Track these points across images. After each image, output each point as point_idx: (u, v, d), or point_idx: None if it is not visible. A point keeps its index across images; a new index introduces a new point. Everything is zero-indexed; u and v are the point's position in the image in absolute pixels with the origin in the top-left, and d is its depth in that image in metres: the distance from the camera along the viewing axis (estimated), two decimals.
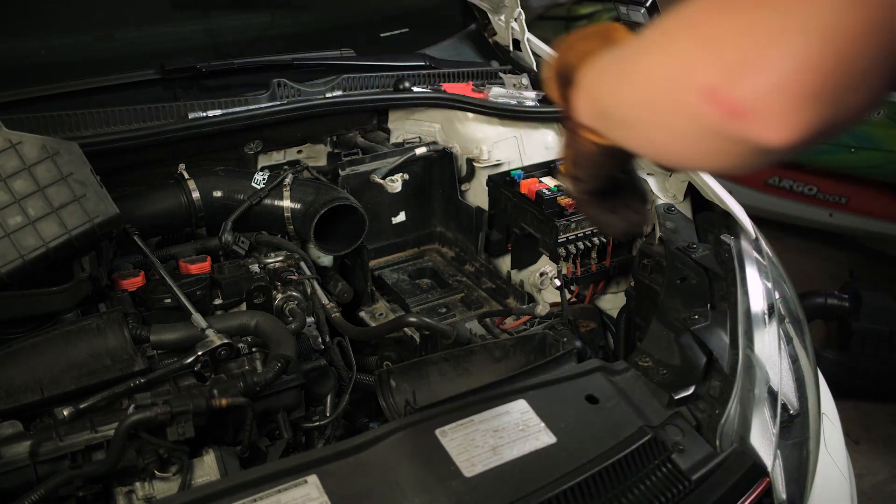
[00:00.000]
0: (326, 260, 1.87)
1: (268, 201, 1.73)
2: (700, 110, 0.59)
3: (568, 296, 1.77)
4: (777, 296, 1.49)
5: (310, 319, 1.58)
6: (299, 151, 2.00)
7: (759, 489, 1.10)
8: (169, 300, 1.45)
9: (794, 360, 1.43)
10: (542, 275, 1.87)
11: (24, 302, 1.28)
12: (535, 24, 5.06)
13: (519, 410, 1.14)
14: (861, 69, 0.53)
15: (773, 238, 1.70)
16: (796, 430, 1.32)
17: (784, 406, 1.29)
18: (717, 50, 0.57)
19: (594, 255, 1.76)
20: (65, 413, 1.15)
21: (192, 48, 2.08)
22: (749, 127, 0.56)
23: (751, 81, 0.54)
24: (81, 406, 1.17)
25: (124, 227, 1.50)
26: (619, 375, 1.24)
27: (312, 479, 1.00)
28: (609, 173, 0.92)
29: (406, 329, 1.68)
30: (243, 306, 1.55)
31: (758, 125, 0.56)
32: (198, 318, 1.34)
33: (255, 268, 1.62)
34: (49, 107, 1.66)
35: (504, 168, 2.01)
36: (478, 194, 2.05)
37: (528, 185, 1.80)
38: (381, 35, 2.33)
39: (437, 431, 1.09)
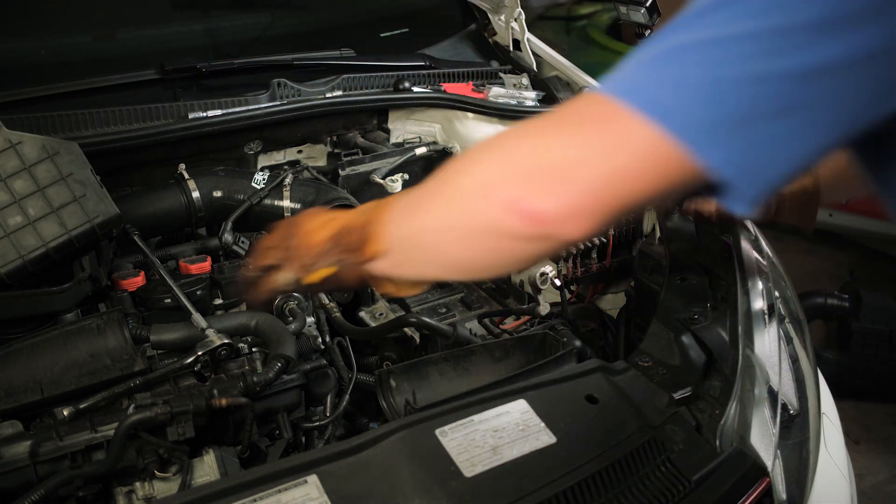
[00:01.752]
0: None
1: (268, 201, 1.73)
2: (503, 219, 0.72)
3: (568, 296, 1.77)
4: (777, 296, 1.49)
5: (310, 319, 1.58)
6: (299, 151, 2.00)
7: (759, 489, 1.10)
8: (169, 300, 1.45)
9: (794, 360, 1.43)
10: (542, 275, 1.87)
11: (24, 302, 1.28)
12: (535, 24, 5.06)
13: (519, 410, 1.14)
14: (627, 197, 0.69)
15: (773, 238, 1.70)
16: (796, 430, 1.32)
17: (784, 406, 1.29)
18: (521, 171, 0.71)
19: (594, 255, 1.76)
20: (65, 413, 1.15)
21: (192, 48, 2.08)
22: (546, 229, 0.71)
23: (550, 197, 0.69)
24: (81, 406, 1.17)
25: (124, 226, 1.49)
26: (619, 375, 1.24)
27: (312, 479, 1.00)
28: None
29: (406, 329, 1.68)
30: (243, 306, 1.55)
31: (553, 227, 0.71)
32: (198, 318, 1.34)
33: None
34: (49, 107, 1.66)
35: None
36: None
37: None
38: (381, 35, 2.33)
39: (437, 431, 1.09)
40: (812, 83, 0.60)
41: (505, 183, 0.72)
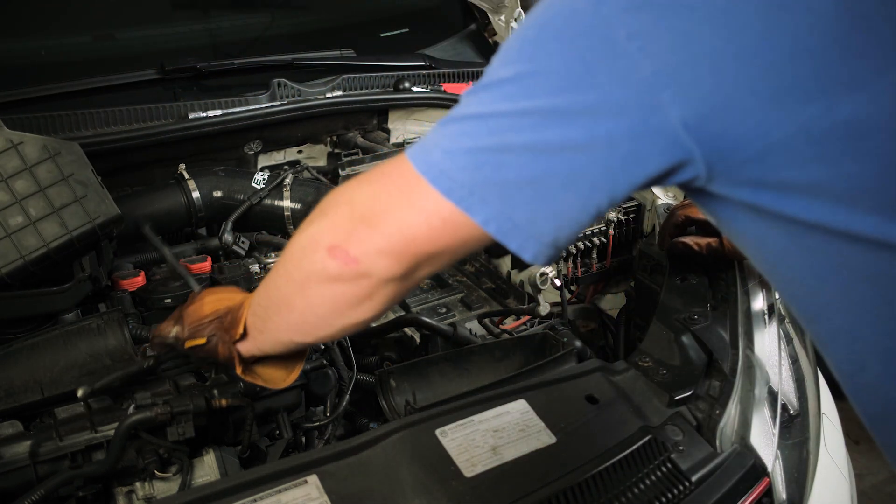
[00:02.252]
0: None
1: (268, 201, 1.73)
2: (327, 263, 0.83)
3: (568, 296, 1.77)
4: (777, 296, 1.49)
5: None
6: (299, 151, 2.00)
7: (759, 489, 1.10)
8: (169, 300, 1.45)
9: (794, 360, 1.43)
10: (542, 275, 1.87)
11: (24, 302, 1.28)
12: None
13: (519, 410, 1.14)
14: (425, 247, 0.79)
15: None
16: (796, 430, 1.32)
17: (784, 406, 1.29)
18: (340, 220, 0.82)
19: (594, 255, 1.76)
20: (79, 392, 1.15)
21: (192, 48, 2.08)
22: (361, 268, 0.81)
23: (359, 242, 0.80)
24: (97, 386, 1.17)
25: (135, 220, 1.52)
26: (619, 375, 1.24)
27: (312, 479, 1.00)
28: None
29: (406, 329, 1.68)
30: None
31: (366, 266, 0.81)
32: (194, 285, 1.38)
33: (255, 268, 1.62)
34: (49, 107, 1.66)
35: None
36: None
37: None
38: (381, 35, 2.33)
39: (437, 431, 1.09)
40: (550, 156, 0.70)
41: (327, 233, 0.84)
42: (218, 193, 1.70)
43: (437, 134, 0.77)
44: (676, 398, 1.19)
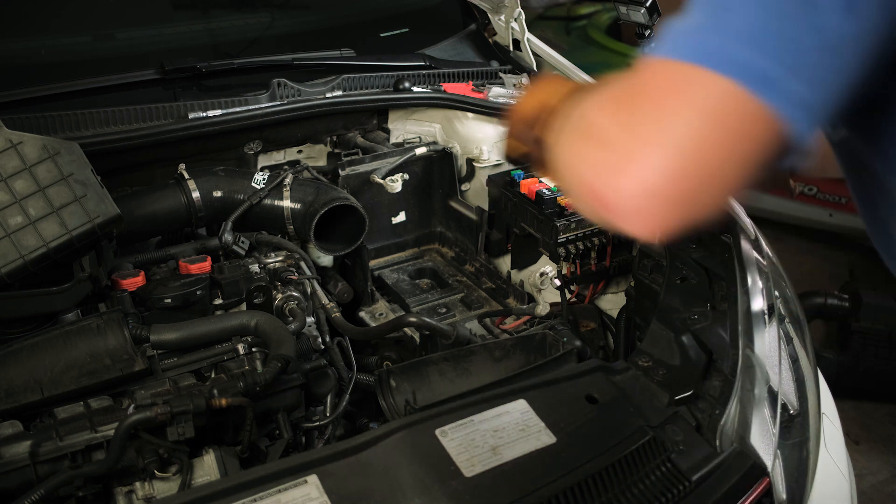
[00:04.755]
0: (326, 260, 1.87)
1: (268, 201, 1.73)
2: (587, 198, 0.69)
3: (568, 296, 1.77)
4: (777, 296, 1.49)
5: (310, 319, 1.58)
6: (299, 151, 2.00)
7: (759, 489, 1.10)
8: (169, 300, 1.45)
9: (794, 360, 1.42)
10: (542, 275, 1.87)
11: (24, 302, 1.28)
12: (535, 24, 5.06)
13: (519, 410, 1.14)
14: (711, 182, 0.64)
15: (773, 238, 1.70)
16: (796, 430, 1.32)
17: (784, 406, 1.29)
18: (595, 151, 0.68)
19: (594, 255, 1.76)
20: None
21: (192, 48, 2.08)
22: (616, 219, 0.67)
23: (617, 184, 0.65)
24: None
25: None
26: (619, 375, 1.24)
27: (312, 479, 1.00)
28: None
29: (406, 329, 1.68)
30: (243, 306, 1.55)
31: (622, 219, 0.67)
32: None
33: (255, 268, 1.62)
34: (49, 107, 1.66)
35: (504, 168, 2.01)
36: (478, 194, 2.05)
37: (528, 185, 1.80)
38: (381, 35, 2.33)
39: (437, 431, 1.09)
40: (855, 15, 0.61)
41: (585, 164, 0.70)
42: (218, 193, 1.70)
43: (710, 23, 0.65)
44: (676, 398, 1.19)
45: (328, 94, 1.89)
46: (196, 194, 1.67)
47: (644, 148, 0.64)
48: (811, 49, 0.62)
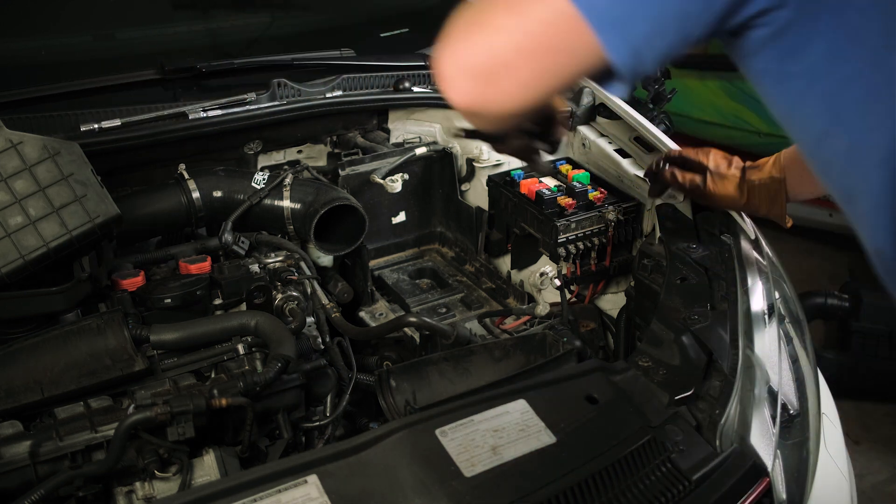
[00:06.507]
0: (326, 260, 1.87)
1: (268, 201, 1.73)
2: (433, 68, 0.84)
3: (568, 296, 1.77)
4: (777, 296, 1.49)
5: (310, 319, 1.58)
6: (299, 151, 2.00)
7: (759, 489, 1.10)
8: (169, 300, 1.45)
9: (794, 360, 1.43)
10: (542, 275, 1.87)
11: (24, 302, 1.28)
12: None
13: (519, 410, 1.14)
14: (518, 73, 0.78)
15: (773, 238, 1.70)
16: (796, 430, 1.32)
17: (784, 406, 1.29)
18: (449, 31, 0.83)
19: (594, 255, 1.76)
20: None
21: (192, 48, 2.08)
22: (438, 85, 0.83)
23: (442, 54, 0.81)
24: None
25: None
26: (619, 375, 1.24)
27: (312, 479, 1.00)
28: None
29: (406, 329, 1.68)
30: (243, 306, 1.55)
31: (440, 84, 0.84)
32: None
33: (255, 268, 1.62)
34: (49, 107, 1.66)
35: (504, 168, 2.01)
36: (478, 194, 2.05)
37: (528, 185, 1.80)
38: (381, 35, 2.33)
39: (437, 431, 1.09)
40: None
41: (442, 40, 0.84)
42: (218, 193, 1.70)
43: None
44: (676, 398, 1.19)
45: (328, 94, 1.89)
46: (196, 194, 1.67)
47: (474, 29, 0.80)
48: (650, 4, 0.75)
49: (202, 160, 1.80)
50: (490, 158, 2.00)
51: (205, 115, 1.72)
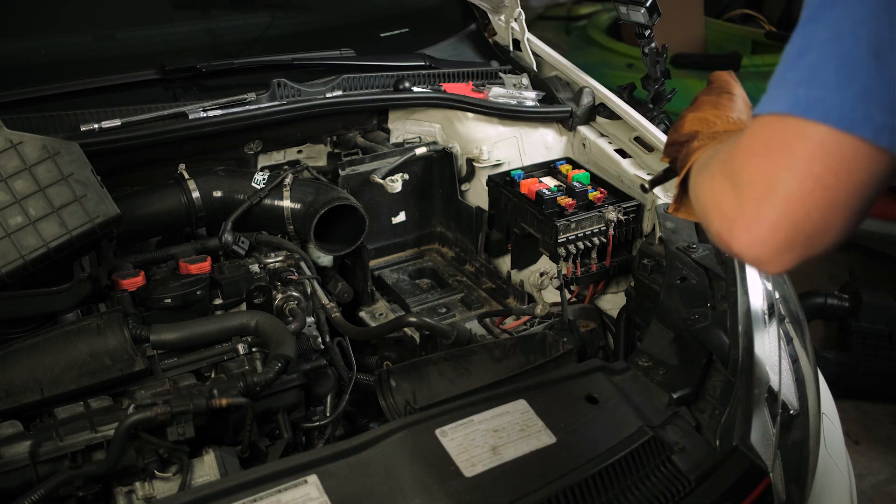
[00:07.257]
0: (326, 260, 1.87)
1: (268, 201, 1.73)
2: (719, 241, 0.76)
3: (568, 296, 1.77)
4: (777, 296, 1.49)
5: (310, 319, 1.58)
6: (299, 151, 2.00)
7: (759, 489, 1.10)
8: (169, 300, 1.45)
9: (794, 360, 1.42)
10: (542, 275, 1.87)
11: (24, 302, 1.28)
12: (535, 24, 5.06)
13: (519, 410, 1.14)
14: (825, 223, 0.69)
15: None
16: (796, 430, 1.32)
17: (784, 406, 1.29)
18: (720, 204, 0.75)
19: (594, 255, 1.76)
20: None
21: (192, 48, 2.08)
22: (746, 261, 0.75)
23: (737, 236, 0.73)
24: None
25: None
26: (619, 375, 1.24)
27: (312, 479, 1.00)
28: None
29: (406, 329, 1.68)
30: (243, 306, 1.55)
31: (750, 264, 0.80)
32: None
33: (255, 268, 1.62)
34: (49, 107, 1.66)
35: (504, 168, 2.01)
36: (478, 194, 2.05)
37: (528, 185, 1.80)
38: (381, 35, 2.33)
39: (437, 431, 1.09)
40: None
41: (714, 213, 0.77)
42: (218, 193, 1.70)
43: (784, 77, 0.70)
44: (676, 398, 1.19)
45: (328, 94, 1.89)
46: (196, 194, 1.67)
47: (756, 206, 0.71)
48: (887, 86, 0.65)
49: (202, 160, 1.80)
50: (490, 158, 2.00)
51: (205, 115, 1.72)
